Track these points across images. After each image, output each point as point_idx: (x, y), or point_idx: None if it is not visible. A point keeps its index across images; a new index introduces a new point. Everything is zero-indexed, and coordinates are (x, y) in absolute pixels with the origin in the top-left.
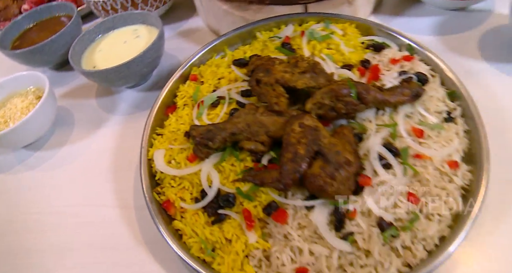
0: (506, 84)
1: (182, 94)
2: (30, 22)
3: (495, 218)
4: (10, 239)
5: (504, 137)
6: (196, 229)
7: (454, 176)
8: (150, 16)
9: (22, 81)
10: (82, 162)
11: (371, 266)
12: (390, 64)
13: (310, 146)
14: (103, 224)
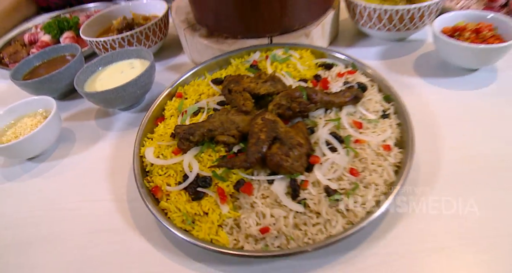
0: (432, 92)
1: (169, 107)
2: (39, 60)
3: (417, 186)
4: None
5: (428, 128)
6: (179, 206)
7: (388, 156)
8: (144, 51)
9: (32, 104)
10: (81, 168)
11: (321, 224)
12: (337, 77)
13: (269, 133)
14: (99, 214)
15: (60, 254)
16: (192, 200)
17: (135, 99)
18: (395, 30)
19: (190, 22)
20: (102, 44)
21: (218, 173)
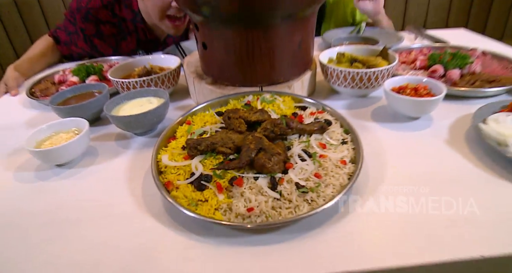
0: (383, 132)
1: (180, 130)
2: (71, 93)
3: (363, 190)
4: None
5: (376, 153)
6: (186, 194)
7: (343, 168)
8: (160, 91)
9: (68, 123)
10: (102, 174)
11: (292, 208)
12: (309, 115)
13: (257, 145)
14: (116, 205)
15: (88, 232)
16: (196, 190)
17: (150, 125)
18: (357, 88)
19: (198, 72)
20: (126, 84)
21: (217, 173)
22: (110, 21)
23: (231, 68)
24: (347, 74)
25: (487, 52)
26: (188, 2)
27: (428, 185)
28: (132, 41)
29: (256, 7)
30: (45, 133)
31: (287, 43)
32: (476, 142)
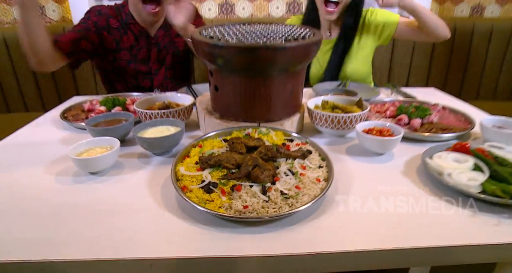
0: (353, 163)
1: (193, 151)
2: (102, 119)
3: (331, 199)
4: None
5: (345, 176)
6: (197, 195)
7: (318, 184)
8: (177, 121)
9: (102, 141)
10: (128, 182)
11: (276, 208)
12: (295, 145)
13: (253, 162)
14: (140, 203)
15: (119, 220)
16: (206, 193)
17: (168, 147)
18: (336, 129)
19: (208, 109)
20: (149, 114)
21: (222, 181)
22: (115, 17)
23: (236, 107)
24: (328, 117)
25: (446, 107)
26: (207, 55)
27: (385, 197)
28: (130, 36)
29: (259, 62)
30: (84, 147)
31: (281, 90)
32: (423, 173)
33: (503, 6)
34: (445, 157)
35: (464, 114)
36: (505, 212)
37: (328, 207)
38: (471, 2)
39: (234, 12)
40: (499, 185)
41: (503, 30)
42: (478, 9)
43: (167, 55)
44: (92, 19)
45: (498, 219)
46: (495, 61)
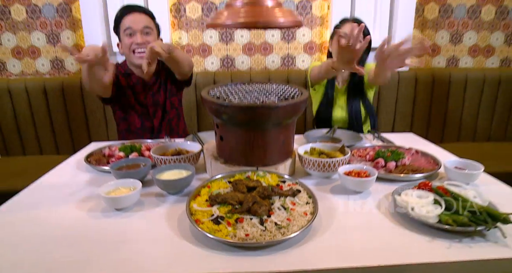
0: (336, 199)
1: (203, 191)
2: (124, 163)
3: (317, 229)
4: (114, 237)
5: (328, 209)
6: (208, 226)
7: (305, 217)
8: (188, 165)
9: (127, 182)
10: (148, 216)
11: (272, 236)
12: (287, 185)
13: (252, 200)
14: (159, 232)
15: (143, 245)
16: (214, 224)
17: (181, 188)
18: (322, 171)
19: (214, 155)
20: (164, 160)
21: (228, 215)
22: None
23: (238, 154)
24: (315, 162)
25: (419, 151)
26: (214, 111)
27: (361, 226)
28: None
29: (256, 118)
30: (111, 187)
31: (275, 140)
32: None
33: (475, 58)
34: (411, 194)
35: (432, 156)
36: (456, 238)
37: (313, 235)
38: (447, 54)
39: (234, 66)
40: (452, 216)
41: (477, 78)
42: (453, 60)
43: (160, 97)
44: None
45: (450, 243)
46: (472, 106)
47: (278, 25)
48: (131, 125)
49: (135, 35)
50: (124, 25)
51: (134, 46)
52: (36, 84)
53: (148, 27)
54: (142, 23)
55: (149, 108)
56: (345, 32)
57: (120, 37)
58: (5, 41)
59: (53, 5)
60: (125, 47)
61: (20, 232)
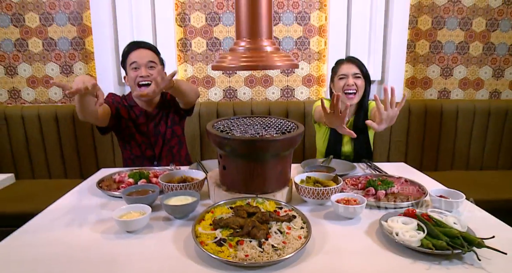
0: (328, 225)
1: (207, 216)
2: (133, 189)
3: (310, 251)
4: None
5: (321, 234)
6: (212, 247)
7: (299, 240)
8: (193, 192)
9: (138, 207)
10: (157, 238)
11: (269, 257)
12: (284, 212)
13: (252, 224)
14: (168, 253)
15: (152, 265)
16: (217, 246)
17: (187, 213)
18: (316, 199)
19: (217, 183)
20: (171, 187)
21: (229, 238)
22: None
23: (240, 182)
24: (310, 190)
25: (408, 180)
26: (218, 144)
27: (350, 251)
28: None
29: (256, 150)
30: (123, 212)
31: (273, 170)
32: (380, 232)
33: (465, 90)
34: (396, 220)
35: (420, 185)
36: (436, 260)
37: (307, 256)
38: (438, 87)
39: (237, 96)
40: (432, 240)
41: (468, 110)
42: (444, 92)
43: (161, 127)
44: (111, 97)
45: (430, 265)
46: (464, 136)
47: (276, 68)
48: (132, 153)
49: (140, 69)
50: (130, 60)
51: (138, 79)
52: (48, 111)
53: (152, 62)
54: (146, 58)
55: (151, 138)
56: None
57: (127, 70)
58: (21, 71)
59: (68, 38)
60: (130, 79)
61: (38, 253)
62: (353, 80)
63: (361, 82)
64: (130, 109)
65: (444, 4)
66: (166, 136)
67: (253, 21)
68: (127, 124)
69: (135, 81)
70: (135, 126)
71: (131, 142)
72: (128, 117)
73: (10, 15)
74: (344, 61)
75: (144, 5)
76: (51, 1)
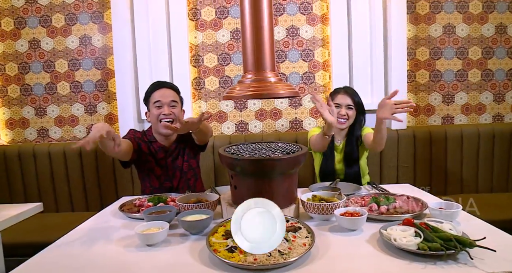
0: (332, 236)
1: (220, 230)
2: (153, 210)
3: (314, 257)
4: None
5: (324, 244)
6: (224, 254)
7: (303, 247)
8: (208, 211)
9: (156, 224)
10: (175, 251)
11: (275, 261)
12: (290, 224)
13: None
14: (185, 261)
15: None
16: (229, 252)
17: (202, 229)
18: (322, 214)
19: (230, 203)
20: (187, 206)
21: None
22: (142, 138)
23: None
24: (315, 205)
25: (410, 196)
26: (229, 165)
27: (351, 256)
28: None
29: (264, 169)
30: (144, 228)
31: (280, 187)
32: (380, 240)
33: (468, 115)
34: (395, 229)
35: (422, 201)
36: (431, 261)
37: (311, 261)
38: (441, 113)
39: (248, 129)
40: (428, 243)
41: (472, 134)
42: (448, 118)
43: (178, 161)
44: (132, 134)
45: (425, 265)
46: (470, 160)
47: (280, 95)
48: (151, 185)
49: (163, 107)
50: (154, 98)
51: (161, 117)
52: (72, 149)
53: (174, 101)
54: (169, 97)
55: (169, 171)
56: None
57: (149, 107)
58: (50, 111)
59: (93, 81)
60: (153, 116)
61: (69, 266)
62: (346, 110)
63: (352, 112)
64: (150, 144)
65: (439, 36)
66: (183, 169)
67: (257, 55)
68: (147, 158)
69: (157, 118)
70: (155, 160)
71: (151, 175)
72: (148, 152)
73: (43, 62)
74: (341, 91)
75: (161, 49)
76: (79, 48)
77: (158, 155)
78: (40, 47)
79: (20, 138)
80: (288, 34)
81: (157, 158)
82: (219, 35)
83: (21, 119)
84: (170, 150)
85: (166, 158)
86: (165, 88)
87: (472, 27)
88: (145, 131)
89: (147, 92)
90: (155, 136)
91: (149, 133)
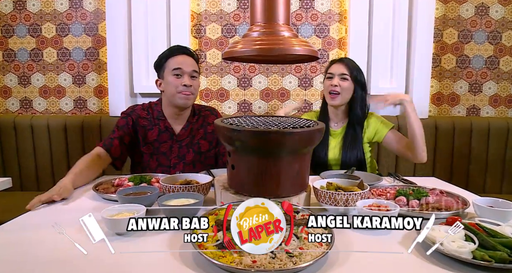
0: (355, 234)
1: (211, 218)
2: (131, 191)
3: (333, 261)
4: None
5: (343, 243)
6: (211, 251)
7: (320, 248)
8: (196, 194)
9: (130, 207)
10: (151, 242)
11: (282, 265)
12: (300, 216)
13: None
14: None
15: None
16: (219, 249)
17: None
18: (339, 206)
19: (225, 186)
20: (172, 188)
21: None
22: (145, 116)
23: (249, 183)
24: (331, 195)
25: (444, 191)
26: (227, 138)
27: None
28: (155, 132)
29: (270, 144)
30: (115, 212)
31: (288, 170)
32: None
33: (496, 108)
34: (438, 229)
35: (459, 196)
36: None
37: (329, 268)
38: (467, 104)
39: (251, 110)
40: (487, 252)
41: (500, 128)
42: (473, 110)
43: (187, 153)
44: (128, 121)
45: None
46: (497, 157)
47: (294, 52)
48: (145, 171)
49: (183, 77)
50: (173, 64)
51: (181, 88)
52: (57, 122)
53: (195, 71)
54: (192, 66)
55: (171, 160)
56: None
57: (164, 74)
58: (34, 80)
59: (83, 49)
60: (171, 86)
61: (20, 253)
62: (338, 80)
63: (348, 84)
64: (154, 123)
65: (470, 17)
66: (191, 166)
67: (269, 2)
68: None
69: (177, 89)
70: (153, 143)
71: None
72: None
73: (28, 26)
74: (336, 60)
75: (159, 16)
76: (68, 12)
77: (163, 137)
78: (25, 8)
79: (1, 108)
80: (302, 6)
81: (160, 141)
82: (224, 3)
83: (3, 88)
84: (179, 135)
85: (171, 144)
86: (186, 55)
87: (508, 8)
88: (154, 105)
89: (162, 56)
90: (164, 113)
91: (156, 108)
